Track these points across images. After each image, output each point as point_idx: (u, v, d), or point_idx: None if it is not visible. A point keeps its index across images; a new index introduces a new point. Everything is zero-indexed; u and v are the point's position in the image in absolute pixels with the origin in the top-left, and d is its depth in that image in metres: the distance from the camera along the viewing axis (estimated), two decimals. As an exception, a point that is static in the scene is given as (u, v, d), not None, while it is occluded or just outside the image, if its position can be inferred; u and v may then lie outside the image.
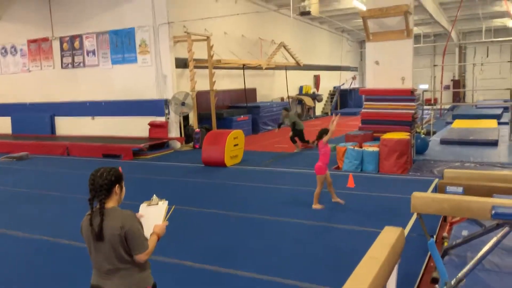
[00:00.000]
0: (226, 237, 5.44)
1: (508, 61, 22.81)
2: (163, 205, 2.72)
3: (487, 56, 29.50)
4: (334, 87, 27.17)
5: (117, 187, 2.55)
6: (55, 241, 5.47)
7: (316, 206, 6.39)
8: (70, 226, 5.97)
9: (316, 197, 6.43)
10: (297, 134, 12.10)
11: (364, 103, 10.31)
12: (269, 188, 7.89)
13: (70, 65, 14.80)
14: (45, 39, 15.12)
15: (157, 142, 12.58)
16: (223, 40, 15.65)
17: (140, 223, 2.56)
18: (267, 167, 9.83)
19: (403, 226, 3.39)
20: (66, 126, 15.16)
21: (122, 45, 13.59)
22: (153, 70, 13.24)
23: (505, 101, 19.18)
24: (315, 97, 23.25)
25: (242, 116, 15.54)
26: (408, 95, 9.64)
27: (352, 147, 9.15)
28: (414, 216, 5.37)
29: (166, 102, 13.14)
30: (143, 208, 2.72)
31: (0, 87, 16.44)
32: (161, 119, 13.20)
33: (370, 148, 9.04)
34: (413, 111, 9.63)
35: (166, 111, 13.20)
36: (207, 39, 13.54)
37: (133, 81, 13.59)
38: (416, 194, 3.65)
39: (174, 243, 5.19)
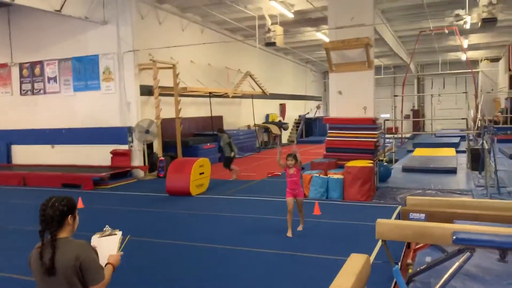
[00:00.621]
0: (190, 268, 5.25)
1: (464, 92, 24.02)
2: (116, 235, 2.64)
3: (443, 87, 30.96)
4: (300, 116, 27.62)
5: (69, 218, 2.42)
6: (7, 276, 5.11)
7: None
8: (23, 261, 5.62)
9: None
10: (226, 159, 11.93)
11: (328, 131, 10.48)
12: (235, 217, 7.76)
13: (29, 92, 14.36)
14: (4, 65, 14.67)
15: (120, 171, 12.24)
16: (189, 68, 15.69)
17: (96, 253, 2.45)
18: (233, 196, 9.71)
19: (368, 253, 3.37)
20: (24, 154, 14.55)
21: (85, 72, 13.35)
22: (117, 97, 13.02)
23: (462, 130, 20.05)
24: (281, 125, 23.51)
25: (208, 144, 15.45)
26: (370, 124, 9.88)
27: (318, 175, 9.21)
28: (379, 243, 5.39)
29: (129, 130, 12.89)
30: (95, 239, 2.62)
31: (-47, 114, 15.69)
32: (125, 147, 12.91)
33: (335, 175, 9.13)
34: (375, 140, 9.86)
35: (130, 139, 12.93)
36: (173, 67, 13.52)
37: (96, 109, 13.30)
38: (380, 221, 3.66)
39: (134, 274, 4.96)
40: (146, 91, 13.44)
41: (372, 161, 9.36)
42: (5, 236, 7.02)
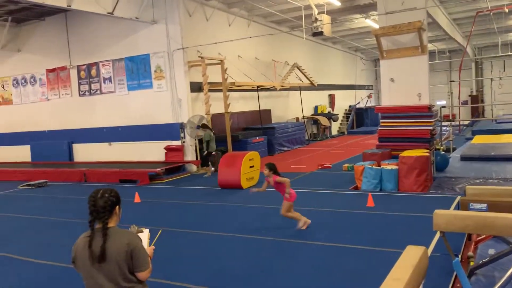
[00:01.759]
0: (241, 260, 5.31)
1: (527, 74, 22.49)
2: (144, 233, 2.83)
3: (504, 70, 29.06)
4: (350, 106, 27.05)
5: (117, 208, 2.56)
6: (67, 267, 5.42)
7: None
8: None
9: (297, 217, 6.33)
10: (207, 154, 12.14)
11: (381, 121, 10.17)
12: (286, 209, 7.73)
13: (87, 93, 15.09)
14: (63, 68, 15.50)
15: (173, 166, 12.59)
16: (236, 63, 15.79)
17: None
18: (284, 188, 9.67)
19: (425, 246, 3.23)
20: (84, 152, 15.35)
21: (138, 71, 13.83)
22: (169, 94, 13.39)
23: (526, 115, 18.72)
24: (331, 117, 23.15)
25: (257, 138, 15.51)
26: (426, 111, 9.48)
27: (370, 166, 8.98)
28: (437, 235, 5.17)
29: (181, 126, 13.21)
30: None
31: (19, 116, 16.84)
32: (177, 142, 13.26)
33: (389, 166, 8.86)
34: (431, 128, 9.45)
35: (182, 135, 13.27)
36: (221, 62, 13.68)
37: (149, 106, 13.76)
38: (438, 212, 3.51)
39: (187, 265, 5.09)
40: (196, 87, 13.70)
41: (428, 150, 8.99)
42: (68, 229, 7.44)
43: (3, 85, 17.17)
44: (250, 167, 10.17)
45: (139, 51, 13.74)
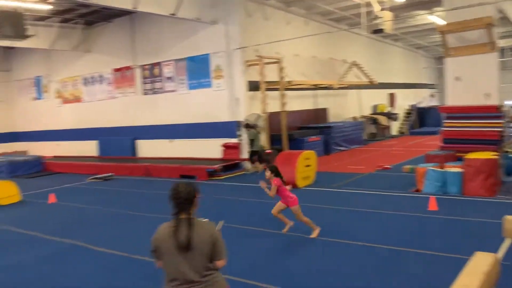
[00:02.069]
0: (295, 258, 5.32)
1: None
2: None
3: None
4: (411, 105, 26.08)
5: (196, 199, 2.69)
6: (132, 257, 5.71)
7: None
8: (148, 244, 6.21)
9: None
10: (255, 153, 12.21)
11: (445, 121, 9.74)
12: (342, 210, 7.65)
13: (150, 91, 15.74)
14: (128, 68, 16.27)
15: (231, 163, 12.83)
16: (294, 61, 15.76)
17: None
18: (340, 189, 9.56)
19: (493, 252, 3.08)
20: (146, 148, 16.04)
21: (198, 70, 14.22)
22: (227, 93, 13.64)
23: None
24: (390, 116, 22.45)
25: (313, 137, 15.40)
26: (494, 112, 8.96)
27: (433, 168, 8.63)
28: (507, 242, 4.88)
29: (238, 124, 13.42)
30: None
31: (88, 113, 17.91)
32: (234, 140, 13.49)
33: (453, 168, 8.46)
34: (500, 129, 8.91)
35: (238, 133, 13.48)
36: (278, 61, 13.73)
37: (208, 105, 14.10)
38: (509, 218, 3.32)
39: (243, 262, 5.18)
40: (253, 86, 13.84)
41: (497, 153, 8.49)
42: (133, 221, 7.83)
43: (74, 84, 18.33)
44: (306, 166, 10.13)
45: (199, 51, 14.12)
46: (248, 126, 12.49)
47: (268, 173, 6.11)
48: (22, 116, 20.95)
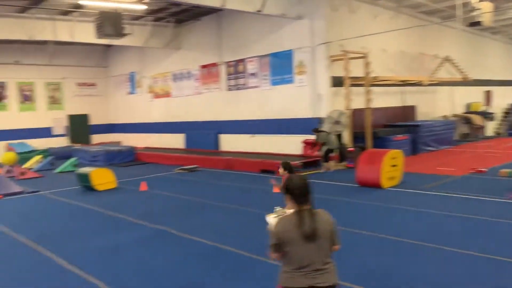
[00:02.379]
0: (374, 259, 5.13)
1: None
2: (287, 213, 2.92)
3: None
4: (511, 105, 23.84)
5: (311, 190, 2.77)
6: (217, 246, 5.89)
7: None
8: (232, 233, 6.40)
9: None
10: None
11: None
12: (431, 213, 7.22)
13: (234, 87, 16.14)
14: (214, 64, 16.82)
15: (311, 160, 12.71)
16: (380, 56, 15.17)
17: None
18: (428, 191, 9.03)
19: None
20: (229, 142, 16.49)
21: (281, 66, 14.27)
22: (309, 89, 13.54)
23: None
24: (486, 116, 20.72)
25: (399, 136, 14.71)
26: None
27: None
28: None
29: (320, 121, 13.25)
30: (271, 218, 2.95)
31: (176, 108, 18.84)
32: (315, 137, 13.33)
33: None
34: None
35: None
36: (364, 56, 13.30)
37: (290, 101, 14.12)
38: None
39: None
40: (337, 82, 13.57)
41: None
42: (215, 211, 8.09)
43: (165, 79, 19.39)
44: (392, 166, 9.71)
45: (283, 47, 14.16)
46: (317, 130, 12.40)
47: (281, 170, 6.05)
48: (117, 109, 22.67)
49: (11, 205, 9.74)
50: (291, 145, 13.98)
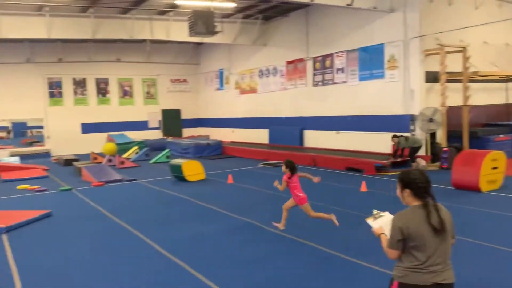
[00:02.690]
0: (476, 269, 4.74)
1: None
2: (385, 216, 2.86)
3: None
4: None
5: None
6: (301, 241, 5.88)
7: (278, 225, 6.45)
8: (315, 230, 6.35)
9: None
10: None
11: None
12: (540, 222, 6.52)
13: (320, 83, 15.95)
14: (301, 60, 16.76)
15: (401, 159, 12.14)
16: (481, 50, 13.98)
17: None
18: (537, 197, 8.16)
19: None
20: (313, 138, 16.36)
21: (371, 61, 13.80)
22: (400, 85, 12.93)
23: None
24: None
25: (502, 136, 13.48)
26: None
27: None
28: None
29: (412, 118, 12.60)
30: (371, 222, 2.86)
31: (262, 103, 19.13)
32: (406, 135, 12.71)
33: None
34: None
35: (412, 127, 12.65)
36: (463, 50, 12.36)
37: (379, 97, 13.61)
38: None
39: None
40: (431, 77, 12.78)
41: None
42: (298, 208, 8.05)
43: (251, 76, 19.78)
44: (493, 168, 8.93)
45: (373, 41, 13.67)
46: (395, 136, 11.89)
47: (283, 167, 6.34)
48: (206, 104, 23.63)
49: (111, 191, 10.63)
50: (379, 143, 13.48)
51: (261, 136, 18.90)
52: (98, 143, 19.56)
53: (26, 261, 5.62)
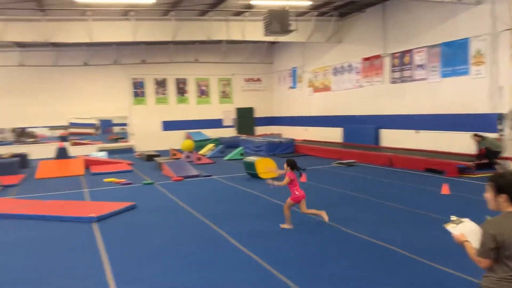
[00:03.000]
0: None
1: None
2: (465, 223, 2.74)
3: None
4: None
5: None
6: (376, 243, 5.74)
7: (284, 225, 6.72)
8: (388, 231, 6.19)
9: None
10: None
11: None
12: None
13: (398, 80, 15.36)
14: (377, 57, 16.26)
15: (487, 161, 11.34)
16: None
17: None
18: None
19: None
20: (390, 138, 15.81)
21: (454, 57, 13.03)
22: (487, 81, 12.07)
23: None
24: None
25: None
26: None
27: None
28: None
29: (499, 117, 11.71)
30: (452, 229, 2.75)
31: (335, 101, 18.85)
32: (493, 135, 11.85)
33: None
34: None
35: (499, 127, 11.76)
36: (562, 42, 11.23)
37: (463, 94, 12.81)
38: None
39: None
40: (523, 73, 11.79)
41: None
42: (373, 208, 7.86)
43: (325, 73, 19.58)
44: None
45: (457, 35, 12.89)
46: (476, 135, 11.09)
47: (285, 166, 6.70)
48: (279, 103, 23.79)
49: (189, 186, 11.13)
50: (462, 143, 12.67)
51: (334, 134, 18.64)
52: (177, 140, 20.53)
53: (115, 248, 6.09)
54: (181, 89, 23.00)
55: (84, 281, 4.95)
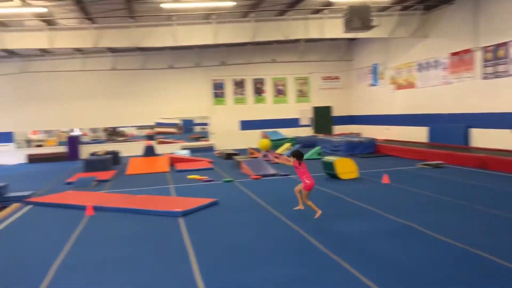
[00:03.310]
0: None
1: None
2: None
3: None
4: None
5: None
6: (469, 250, 5.31)
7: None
8: (481, 238, 5.72)
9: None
10: None
11: None
12: None
13: (491, 75, 14.18)
14: (467, 51, 15.14)
15: None
16: None
17: None
18: None
19: None
20: (482, 137, 14.64)
21: (560, 47, 11.72)
22: None
23: None
24: None
25: None
26: None
27: None
28: None
29: None
30: None
31: (420, 99, 17.88)
32: None
33: None
34: None
35: None
36: None
37: None
38: None
39: None
40: None
41: None
42: (463, 212, 7.29)
43: (409, 70, 18.66)
44: None
45: None
46: None
47: (290, 158, 7.20)
48: (358, 101, 23.15)
49: (267, 184, 11.22)
50: None
51: (419, 134, 17.70)
52: (254, 139, 20.85)
53: (200, 242, 6.30)
54: (259, 89, 23.30)
55: (173, 272, 5.17)
